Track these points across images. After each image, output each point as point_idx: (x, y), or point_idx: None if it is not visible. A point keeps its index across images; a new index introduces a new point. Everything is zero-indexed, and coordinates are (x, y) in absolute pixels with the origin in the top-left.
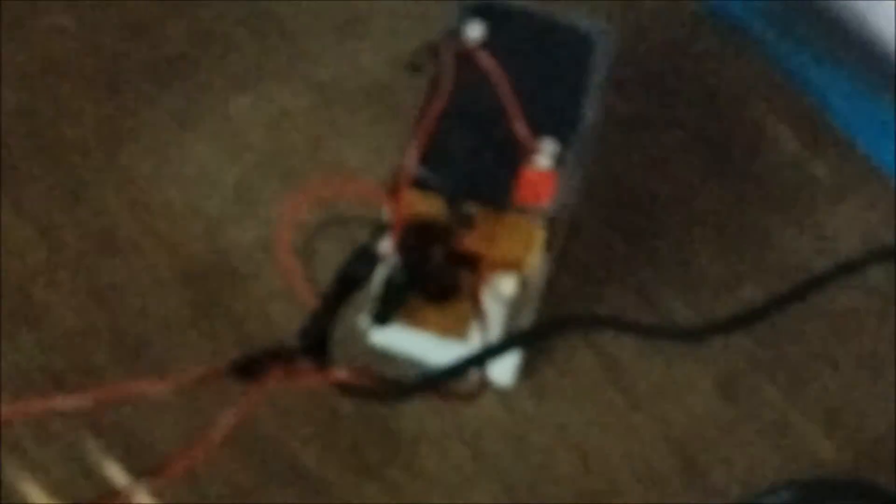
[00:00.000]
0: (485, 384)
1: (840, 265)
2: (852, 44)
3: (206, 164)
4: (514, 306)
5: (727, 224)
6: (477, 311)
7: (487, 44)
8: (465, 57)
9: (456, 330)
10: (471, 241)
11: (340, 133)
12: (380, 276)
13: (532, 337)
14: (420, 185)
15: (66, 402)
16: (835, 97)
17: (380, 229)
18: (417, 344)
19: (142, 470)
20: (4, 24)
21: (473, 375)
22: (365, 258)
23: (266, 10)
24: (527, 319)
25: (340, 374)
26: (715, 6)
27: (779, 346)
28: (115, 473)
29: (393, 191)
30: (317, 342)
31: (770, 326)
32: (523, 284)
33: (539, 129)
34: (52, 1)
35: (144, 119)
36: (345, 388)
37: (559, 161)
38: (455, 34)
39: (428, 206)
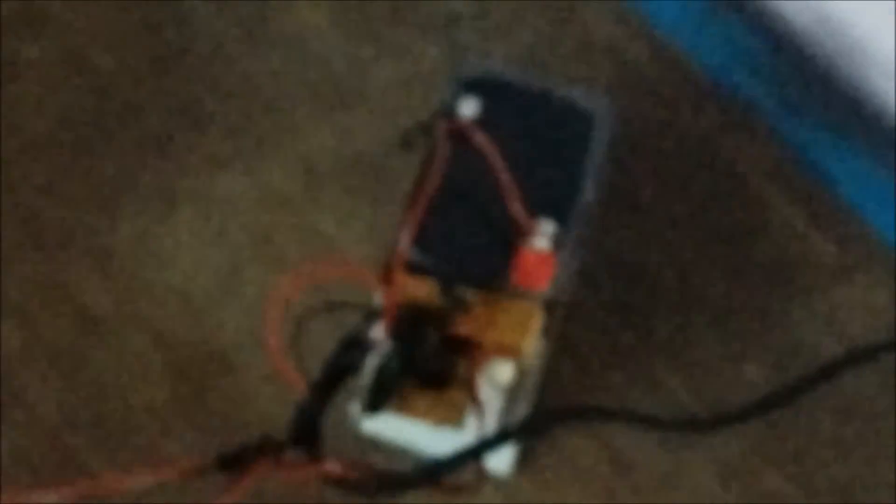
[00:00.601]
0: (483, 476)
1: (850, 353)
2: (860, 120)
3: (191, 246)
4: (511, 394)
5: (730, 305)
6: (472, 399)
7: (482, 120)
8: (459, 134)
9: (450, 419)
10: (466, 327)
11: (331, 213)
12: (371, 363)
13: (530, 429)
14: (413, 268)
15: (46, 496)
16: (841, 173)
17: (371, 315)
18: (411, 433)
19: None
20: None
21: (471, 466)
22: (356, 345)
23: (250, 84)
24: (524, 407)
25: (331, 466)
26: (719, 80)
27: (785, 433)
28: None
29: (385, 275)
30: (306, 433)
31: (776, 412)
32: (521, 371)
33: (536, 210)
34: (32, 79)
35: (126, 200)
36: (336, 482)
37: (557, 242)
38: (449, 111)
39: (421, 290)
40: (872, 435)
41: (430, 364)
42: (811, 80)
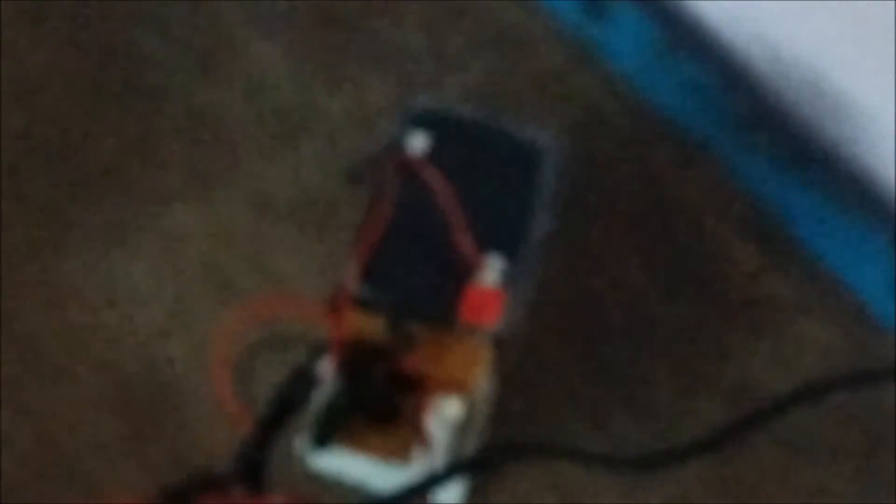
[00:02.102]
0: None
1: (802, 389)
2: (814, 158)
3: (140, 280)
4: (460, 430)
5: (683, 342)
6: (420, 435)
7: (431, 154)
8: (408, 168)
9: (398, 454)
10: (414, 362)
11: (280, 246)
12: (319, 397)
13: (479, 465)
14: (361, 303)
15: None
16: (795, 211)
17: (318, 349)
18: (358, 468)
19: None
20: None
21: (418, 502)
22: (303, 379)
23: (201, 118)
24: (473, 443)
25: (277, 501)
26: (672, 116)
27: (734, 471)
28: None
29: (333, 309)
30: (252, 468)
31: (726, 449)
32: (469, 407)
33: (485, 245)
34: None
35: (75, 235)
36: None
37: (506, 278)
38: (398, 145)
39: (369, 325)
40: (823, 472)
41: (377, 399)
42: (765, 117)
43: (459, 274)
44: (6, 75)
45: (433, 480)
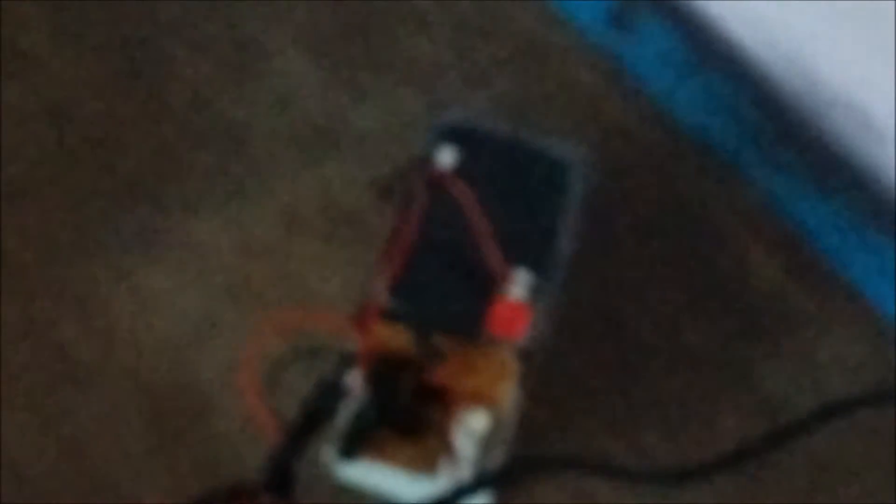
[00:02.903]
0: None
1: (826, 407)
2: (839, 172)
3: (168, 291)
4: (486, 442)
5: (708, 356)
6: (447, 447)
7: (460, 169)
8: (436, 182)
9: (424, 465)
10: (441, 375)
11: (308, 259)
12: (346, 409)
13: (505, 478)
14: (389, 316)
15: None
16: (820, 226)
17: (346, 361)
18: (385, 479)
19: None
20: None
21: None
22: (330, 391)
23: (229, 130)
24: (499, 456)
25: None
26: (698, 131)
27: (760, 488)
28: None
29: (361, 322)
30: (280, 478)
31: (751, 467)
32: (495, 420)
33: (513, 259)
34: (10, 123)
35: (104, 245)
36: None
37: (533, 292)
38: (426, 159)
39: (397, 337)
40: (849, 489)
41: (404, 411)
42: (790, 132)
43: (487, 287)
44: (37, 87)
45: (459, 493)
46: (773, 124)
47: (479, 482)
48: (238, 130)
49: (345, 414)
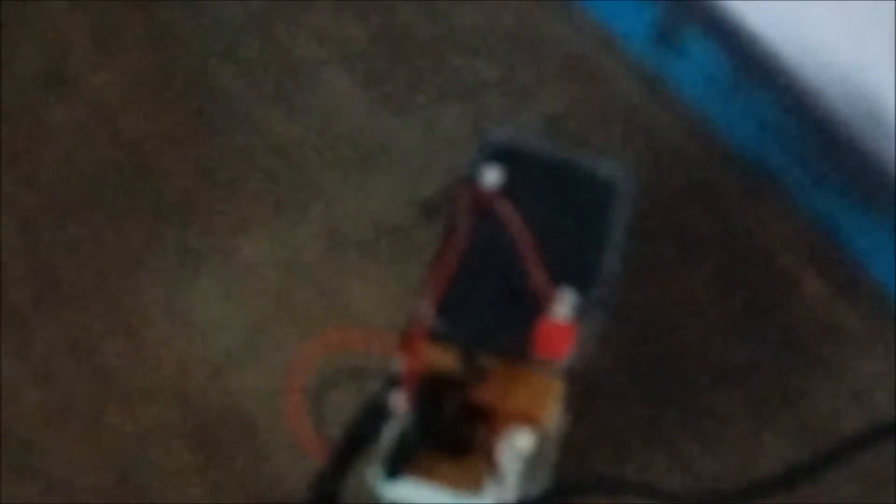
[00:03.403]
0: None
1: (875, 427)
2: (887, 192)
3: (213, 309)
4: (531, 463)
5: (754, 375)
6: (492, 467)
7: (505, 188)
8: (481, 202)
9: (470, 486)
10: (486, 395)
11: (354, 277)
12: (392, 429)
13: (550, 499)
14: (435, 336)
15: None
16: (867, 245)
17: (391, 380)
18: (430, 499)
19: None
20: (6, 159)
21: None
22: (375, 411)
23: (275, 148)
24: (544, 476)
25: None
26: (744, 150)
27: None
28: None
29: (406, 342)
30: (326, 499)
31: (799, 488)
32: (541, 440)
33: (558, 279)
34: (59, 141)
35: (151, 262)
36: None
37: (579, 312)
38: (472, 179)
39: (443, 357)
40: None
41: (450, 431)
42: (838, 151)
43: (532, 307)
44: (84, 105)
45: None
46: (819, 142)
47: (525, 502)
48: (283, 149)
49: (390, 434)
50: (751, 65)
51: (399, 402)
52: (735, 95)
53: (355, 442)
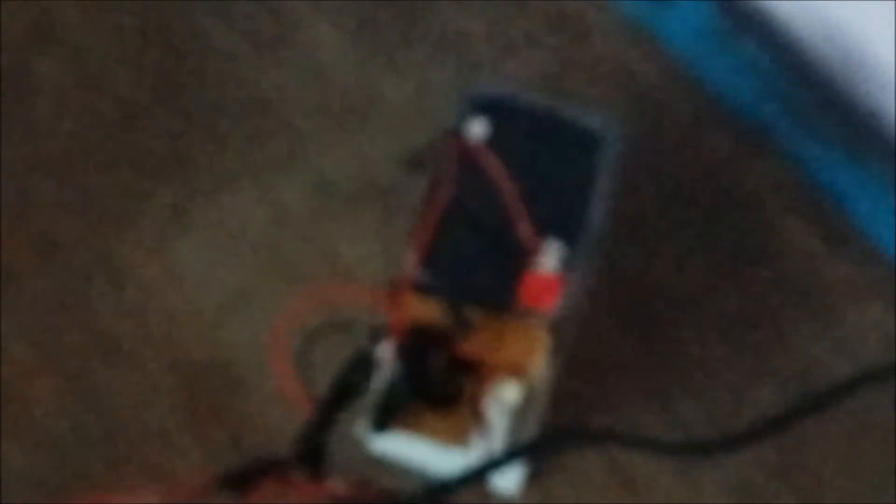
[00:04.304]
0: (487, 496)
1: (863, 373)
2: (875, 142)
3: (202, 264)
4: (519, 414)
5: (742, 326)
6: (479, 419)
7: (491, 141)
8: (467, 154)
9: (457, 438)
10: (473, 347)
11: (341, 231)
12: (378, 382)
13: (538, 449)
14: (421, 288)
15: None
16: (855, 195)
17: (378, 333)
18: (418, 452)
19: None
20: None
21: (476, 486)
22: (362, 364)
23: (263, 103)
24: (532, 427)
25: (336, 487)
26: (732, 102)
27: (796, 454)
28: None
29: (392, 295)
30: (312, 452)
31: (787, 433)
32: (528, 392)
33: (544, 230)
34: (45, 95)
35: (139, 218)
36: (341, 502)
37: (565, 264)
38: (457, 131)
39: (429, 310)
40: (885, 456)
41: (436, 384)
42: (825, 101)
43: (518, 259)
44: (69, 59)
45: (492, 465)
46: (806, 92)
47: (512, 454)
48: (271, 103)
49: (377, 387)
50: (740, 17)
51: (385, 354)
52: (724, 48)
53: (342, 395)
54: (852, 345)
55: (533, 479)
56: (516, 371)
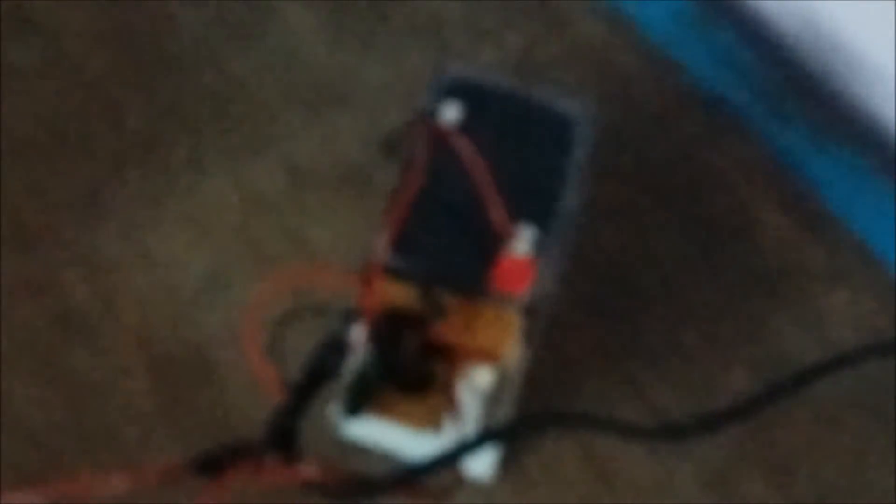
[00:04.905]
0: (460, 480)
1: (834, 358)
2: (849, 126)
3: (174, 248)
4: (491, 399)
5: (716, 311)
6: (451, 404)
7: (464, 125)
8: (440, 138)
9: (429, 422)
10: (445, 331)
11: (315, 216)
12: (350, 366)
13: (510, 434)
14: (393, 272)
15: (20, 497)
16: (829, 180)
17: (350, 317)
18: (390, 436)
19: None
20: None
21: (449, 471)
22: (335, 348)
23: (235, 86)
24: (505, 412)
25: (308, 471)
26: (707, 86)
27: (768, 437)
28: None
29: (365, 278)
30: (284, 436)
31: (759, 417)
32: (500, 376)
33: (517, 215)
34: (16, 80)
35: (111, 201)
36: (313, 486)
37: (538, 247)
38: (430, 115)
39: (401, 294)
40: (856, 440)
41: (409, 368)
42: (799, 86)
43: (491, 243)
44: (42, 45)
45: (464, 449)
46: (781, 78)
47: (485, 438)
48: (244, 87)
49: (349, 371)
50: (714, 2)
51: (357, 337)
52: (698, 33)
53: (314, 379)
54: (824, 329)
55: (506, 463)
56: (489, 355)
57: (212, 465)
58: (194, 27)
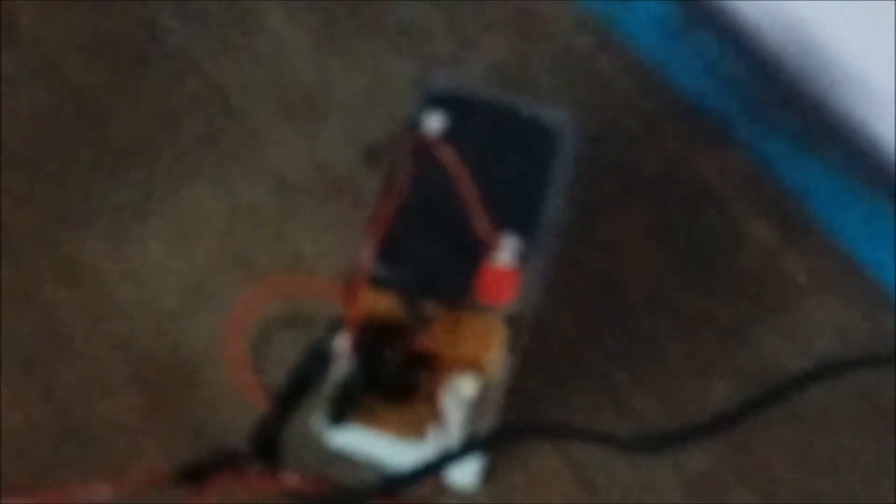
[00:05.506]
0: (443, 489)
1: (817, 368)
2: (833, 136)
3: (159, 257)
4: (475, 408)
5: (699, 321)
6: (435, 413)
7: (448, 135)
8: (424, 148)
9: (413, 431)
10: (429, 341)
11: (298, 224)
12: (334, 375)
13: (493, 443)
14: (377, 282)
15: None
16: (812, 190)
17: (334, 327)
18: (374, 445)
19: None
20: None
21: (431, 480)
22: (318, 357)
23: (220, 95)
24: (488, 422)
25: (291, 481)
26: (691, 95)
27: (750, 447)
28: None
29: (349, 288)
30: (267, 445)
31: (742, 427)
32: (484, 385)
33: (501, 225)
34: (1, 89)
35: (95, 210)
36: (295, 495)
37: (521, 257)
38: (414, 125)
39: (385, 303)
40: (838, 450)
41: (393, 377)
42: (783, 95)
43: (475, 253)
44: (26, 52)
45: (448, 458)
46: (765, 87)
47: (468, 447)
48: (228, 96)
49: (333, 380)
50: (698, 10)
51: (341, 347)
52: (683, 42)
53: (298, 388)
54: (808, 339)
55: (489, 472)
56: (473, 365)
57: (195, 473)
58: (179, 36)
